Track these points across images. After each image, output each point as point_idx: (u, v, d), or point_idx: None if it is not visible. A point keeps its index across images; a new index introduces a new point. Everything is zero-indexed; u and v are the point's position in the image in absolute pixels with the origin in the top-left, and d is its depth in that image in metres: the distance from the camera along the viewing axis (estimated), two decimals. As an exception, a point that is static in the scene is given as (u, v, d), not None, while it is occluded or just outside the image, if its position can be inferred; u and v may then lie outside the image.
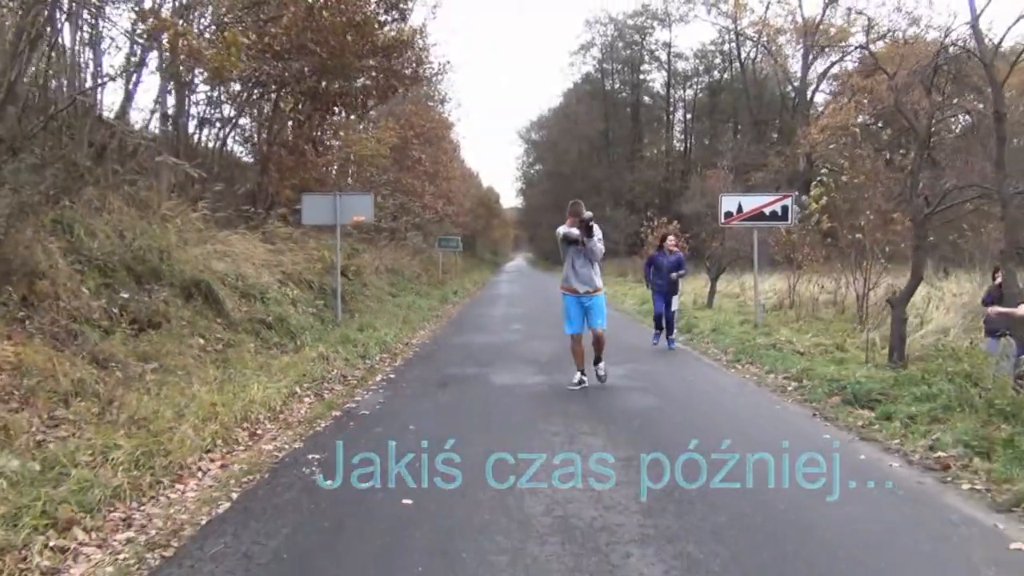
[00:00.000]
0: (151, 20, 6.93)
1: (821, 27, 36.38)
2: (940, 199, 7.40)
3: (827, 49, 37.68)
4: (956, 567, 2.86)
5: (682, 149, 52.16)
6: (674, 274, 9.54)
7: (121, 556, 2.93)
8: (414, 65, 13.47)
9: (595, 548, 2.94)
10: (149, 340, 6.54)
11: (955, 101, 11.82)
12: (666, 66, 51.09)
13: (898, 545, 3.05)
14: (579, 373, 6.64)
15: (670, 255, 9.75)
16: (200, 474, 4.02)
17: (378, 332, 9.71)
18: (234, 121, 13.04)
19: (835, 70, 37.52)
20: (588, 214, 6.35)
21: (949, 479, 3.88)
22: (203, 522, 3.31)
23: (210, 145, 13.81)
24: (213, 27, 9.34)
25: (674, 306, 9.68)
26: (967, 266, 13.19)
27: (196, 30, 8.76)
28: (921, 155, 7.80)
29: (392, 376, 7.43)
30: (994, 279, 6.91)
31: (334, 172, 16.79)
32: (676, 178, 44.70)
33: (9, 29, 10.08)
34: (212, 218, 10.30)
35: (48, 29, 8.99)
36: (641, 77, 52.74)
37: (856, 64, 30.94)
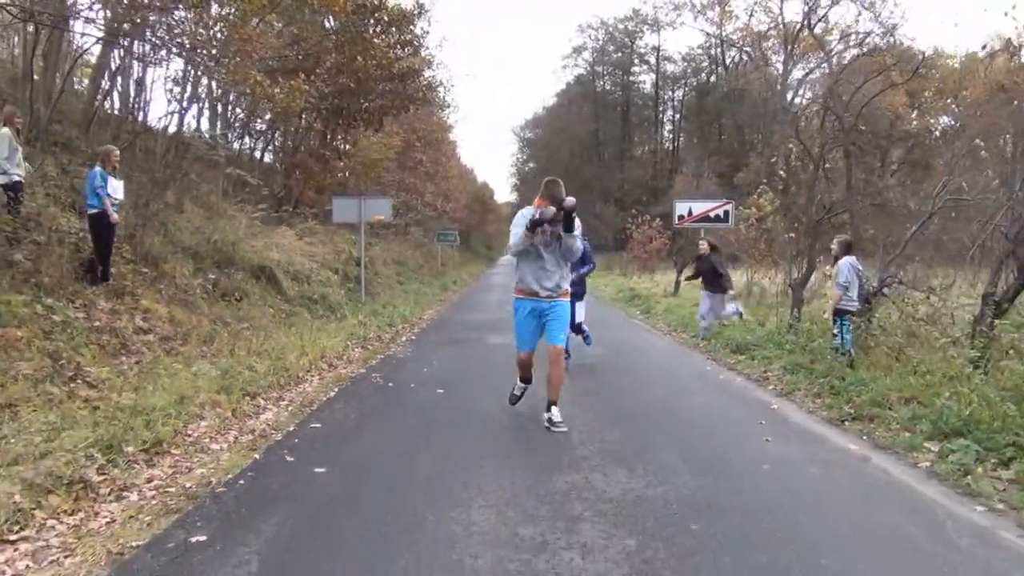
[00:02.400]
0: (235, 70, 9.26)
1: (801, 36, 38.87)
2: (828, 209, 9.87)
3: (806, 55, 40.44)
4: (741, 417, 5.35)
5: (670, 148, 54.56)
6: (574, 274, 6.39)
7: (288, 409, 5.40)
8: (424, 90, 15.89)
9: (544, 406, 5.42)
10: (238, 308, 9.00)
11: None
12: (655, 69, 53.55)
13: (720, 411, 5.56)
14: (521, 382, 5.33)
15: None
16: (309, 382, 6.48)
17: (397, 309, 12.19)
18: (271, 134, 15.44)
19: (812, 76, 40.33)
20: (571, 200, 4.69)
21: (764, 385, 6.41)
22: (323, 399, 5.79)
23: (246, 153, 16.27)
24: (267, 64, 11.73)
25: (580, 316, 7.29)
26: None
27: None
28: (816, 174, 10.25)
29: (413, 338, 9.91)
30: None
31: (347, 175, 19.12)
32: (663, 176, 47.16)
33: (94, 63, 12.48)
34: (259, 217, 12.74)
35: (124, 68, 11.43)
36: (631, 79, 55.01)
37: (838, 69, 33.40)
